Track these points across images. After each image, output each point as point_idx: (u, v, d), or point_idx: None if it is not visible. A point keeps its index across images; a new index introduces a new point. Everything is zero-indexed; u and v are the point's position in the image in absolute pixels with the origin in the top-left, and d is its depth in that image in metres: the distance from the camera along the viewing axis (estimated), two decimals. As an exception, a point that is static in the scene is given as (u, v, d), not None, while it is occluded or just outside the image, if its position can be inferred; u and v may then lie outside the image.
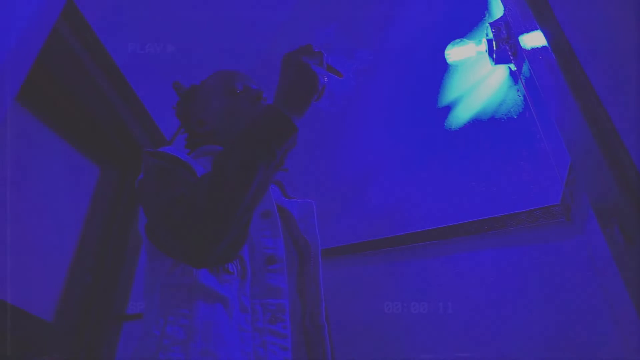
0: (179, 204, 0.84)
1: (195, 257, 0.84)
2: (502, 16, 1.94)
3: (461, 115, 2.06)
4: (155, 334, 0.88)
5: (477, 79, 2.11)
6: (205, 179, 0.85)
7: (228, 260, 0.93)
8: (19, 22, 1.21)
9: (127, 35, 2.28)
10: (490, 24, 1.95)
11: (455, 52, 2.06)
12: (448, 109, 2.11)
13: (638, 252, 0.81)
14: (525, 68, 1.78)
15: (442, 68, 2.19)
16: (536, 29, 1.15)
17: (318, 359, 1.05)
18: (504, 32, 1.90)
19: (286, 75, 0.95)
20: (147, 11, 2.28)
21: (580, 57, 1.00)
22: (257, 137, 0.86)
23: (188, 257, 0.84)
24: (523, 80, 1.84)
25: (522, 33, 1.36)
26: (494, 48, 1.92)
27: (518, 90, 1.94)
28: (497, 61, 1.96)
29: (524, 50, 1.40)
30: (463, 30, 2.18)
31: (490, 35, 1.93)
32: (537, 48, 1.18)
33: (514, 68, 1.93)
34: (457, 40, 2.07)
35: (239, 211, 0.82)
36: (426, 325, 1.68)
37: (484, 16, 2.16)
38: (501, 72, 2.04)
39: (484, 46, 2.00)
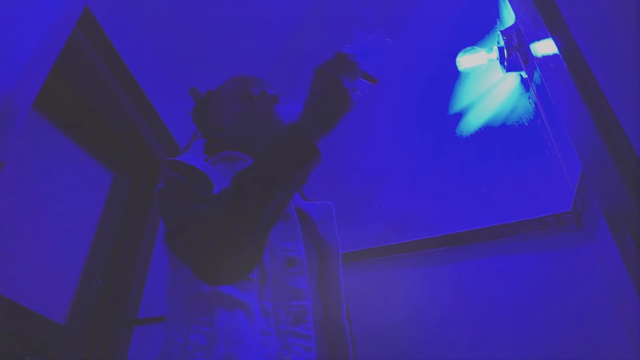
0: (194, 222, 0.84)
1: (207, 275, 0.84)
2: (513, 24, 1.94)
3: (472, 122, 2.06)
4: (179, 341, 0.88)
5: (488, 87, 2.11)
6: (222, 199, 0.84)
7: (243, 277, 0.91)
8: (37, 30, 1.23)
9: (140, 42, 2.31)
10: (502, 31, 1.95)
11: (466, 60, 2.07)
12: (459, 116, 2.11)
13: (649, 258, 0.81)
14: (537, 75, 1.78)
15: (454, 75, 2.19)
16: (547, 37, 1.15)
17: (340, 359, 1.04)
18: (515, 39, 1.90)
19: (316, 91, 0.91)
20: (161, 18, 2.31)
21: (592, 64, 1.00)
22: (278, 159, 0.83)
23: (201, 275, 0.84)
24: (534, 88, 1.83)
25: (533, 41, 1.36)
26: (505, 56, 1.93)
27: (529, 98, 1.94)
28: (509, 69, 1.96)
29: (535, 57, 1.41)
30: (474, 38, 2.18)
31: (502, 43, 1.94)
32: (549, 56, 1.18)
33: (525, 75, 1.93)
34: (469, 47, 2.07)
35: (254, 233, 0.82)
36: (435, 331, 1.68)
37: (495, 24, 2.17)
38: (512, 80, 2.04)
39: (495, 54, 2.00)
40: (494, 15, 2.18)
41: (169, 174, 1.00)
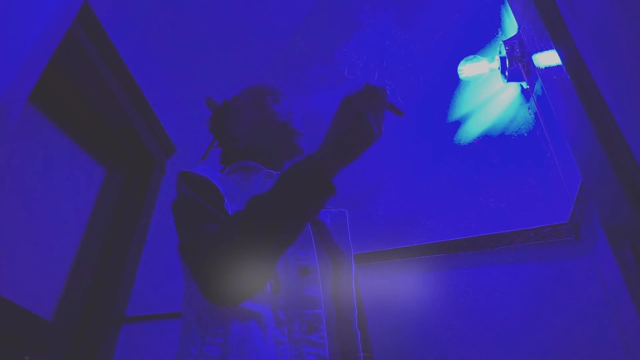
0: (203, 243, 0.86)
1: (213, 296, 0.85)
2: (515, 34, 1.94)
3: (471, 130, 2.06)
4: (194, 352, 0.90)
5: (488, 96, 2.11)
6: (233, 222, 0.85)
7: (248, 299, 0.91)
8: (36, 24, 1.22)
9: (138, 39, 2.29)
10: (504, 41, 1.95)
11: (468, 68, 2.06)
12: (458, 124, 2.10)
13: (650, 274, 0.81)
14: (538, 86, 1.78)
15: (454, 83, 2.19)
16: (551, 48, 1.15)
17: None
18: (518, 50, 1.90)
19: (340, 124, 0.89)
20: (160, 14, 2.30)
21: (595, 76, 0.99)
22: (292, 192, 0.83)
23: (207, 295, 0.86)
24: (535, 98, 1.83)
25: (536, 52, 1.36)
26: (507, 66, 1.93)
27: (529, 108, 1.93)
28: (510, 79, 1.96)
29: (538, 68, 1.40)
30: (476, 47, 2.19)
31: (504, 53, 1.94)
32: (552, 67, 1.18)
33: (525, 86, 1.93)
34: (471, 56, 2.07)
35: (262, 260, 0.83)
36: (429, 338, 1.66)
37: (498, 34, 2.17)
38: (513, 90, 2.04)
39: (496, 63, 2.00)
40: (497, 25, 2.19)
41: (182, 190, 1.02)
